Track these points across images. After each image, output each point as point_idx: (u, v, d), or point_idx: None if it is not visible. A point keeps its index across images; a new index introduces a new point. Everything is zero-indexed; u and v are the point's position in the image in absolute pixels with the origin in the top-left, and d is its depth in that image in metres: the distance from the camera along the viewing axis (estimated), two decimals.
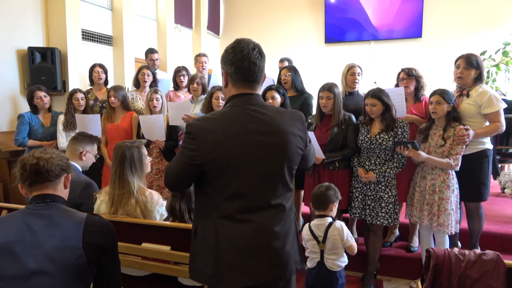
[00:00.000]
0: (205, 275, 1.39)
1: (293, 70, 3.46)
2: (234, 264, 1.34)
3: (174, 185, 1.49)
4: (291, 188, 1.45)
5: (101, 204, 2.09)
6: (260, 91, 1.46)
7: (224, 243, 1.34)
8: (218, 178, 1.34)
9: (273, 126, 1.37)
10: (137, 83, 4.03)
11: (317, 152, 2.70)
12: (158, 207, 2.10)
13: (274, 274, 1.38)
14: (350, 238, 2.25)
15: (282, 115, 1.41)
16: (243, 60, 1.36)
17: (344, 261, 2.28)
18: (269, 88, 3.08)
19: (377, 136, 2.68)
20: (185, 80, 4.00)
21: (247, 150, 1.33)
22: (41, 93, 3.60)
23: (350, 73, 3.18)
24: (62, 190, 1.42)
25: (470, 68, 2.70)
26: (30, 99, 3.60)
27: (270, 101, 2.96)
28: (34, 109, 3.64)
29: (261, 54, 1.39)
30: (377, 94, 2.66)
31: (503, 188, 4.20)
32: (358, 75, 3.18)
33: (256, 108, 1.38)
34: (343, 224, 2.27)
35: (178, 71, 4.03)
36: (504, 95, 5.33)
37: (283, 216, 1.41)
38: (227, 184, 1.34)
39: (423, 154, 2.57)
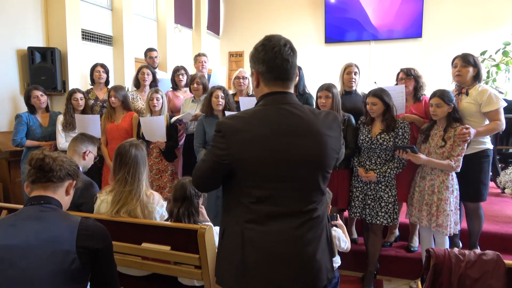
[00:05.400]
0: (230, 280, 1.32)
1: (301, 70, 3.45)
2: (261, 271, 1.27)
3: (202, 184, 1.40)
4: (324, 192, 1.36)
5: (102, 204, 2.09)
6: (292, 89, 1.37)
7: (251, 249, 1.27)
8: (247, 180, 1.27)
9: (307, 127, 1.28)
10: (137, 83, 4.03)
11: None
12: (158, 208, 2.11)
13: (304, 283, 1.29)
14: (343, 244, 2.26)
15: (317, 116, 1.32)
16: (275, 57, 1.28)
17: (337, 261, 2.28)
18: None
19: (378, 136, 2.68)
20: (183, 79, 4.00)
21: (279, 152, 1.25)
22: (38, 92, 3.59)
23: (347, 72, 3.20)
24: (62, 195, 1.40)
25: (467, 65, 2.72)
26: (27, 98, 3.60)
27: None
28: (32, 109, 3.64)
29: (293, 50, 1.32)
30: (379, 94, 2.66)
31: (503, 188, 4.20)
32: (355, 74, 3.18)
33: (290, 108, 1.29)
34: (339, 232, 2.27)
35: (177, 70, 4.03)
36: (502, 93, 5.33)
37: (315, 222, 1.32)
38: (257, 187, 1.26)
39: (423, 157, 2.56)
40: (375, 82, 3.91)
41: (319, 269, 1.31)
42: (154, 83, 4.01)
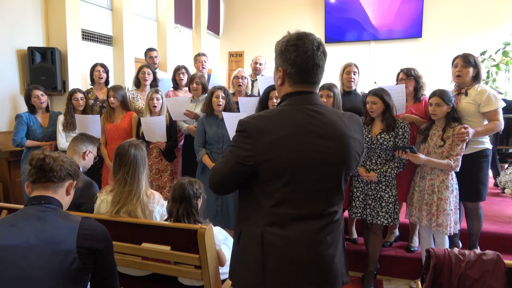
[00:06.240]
0: (249, 283, 1.31)
1: None
2: (281, 275, 1.26)
3: (220, 187, 1.35)
4: (344, 196, 1.35)
5: (102, 203, 2.09)
6: (317, 90, 1.34)
7: (271, 252, 1.26)
8: (271, 182, 1.24)
9: (333, 129, 1.26)
10: (138, 83, 4.03)
11: None
12: (159, 207, 2.11)
13: (323, 287, 1.30)
14: None
15: (341, 117, 1.30)
16: (307, 62, 1.24)
17: None
18: (273, 88, 3.07)
19: (378, 136, 2.68)
20: (184, 78, 4.01)
21: (306, 154, 1.22)
22: (38, 92, 3.59)
23: (346, 71, 3.20)
24: (62, 195, 1.41)
25: (468, 66, 2.73)
26: (28, 98, 3.60)
27: (274, 100, 2.97)
28: (32, 109, 3.64)
29: (324, 54, 1.29)
30: (379, 93, 2.67)
31: (503, 188, 4.20)
32: (354, 74, 3.18)
33: (315, 109, 1.27)
34: None
35: (178, 70, 4.04)
36: (501, 94, 5.34)
37: (334, 226, 1.31)
38: (280, 189, 1.23)
39: (422, 156, 2.57)
40: (375, 82, 3.91)
41: (335, 275, 1.31)
42: (155, 82, 4.01)
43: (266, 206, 1.26)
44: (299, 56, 1.24)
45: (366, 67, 7.60)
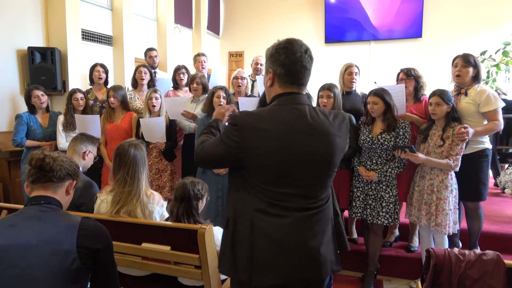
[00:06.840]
0: (236, 268, 1.35)
1: None
2: (269, 260, 1.31)
3: (206, 163, 1.44)
4: (329, 190, 1.43)
5: (102, 203, 2.09)
6: (304, 91, 1.43)
7: (260, 237, 1.32)
8: (259, 175, 1.32)
9: (320, 127, 1.34)
10: (135, 83, 4.02)
11: None
12: (159, 208, 2.10)
13: (309, 274, 1.34)
14: None
15: (328, 117, 1.38)
16: (295, 63, 1.33)
17: None
18: None
19: (379, 136, 2.68)
20: (184, 78, 4.01)
21: (294, 151, 1.30)
22: (38, 92, 3.59)
23: (348, 72, 3.20)
24: (62, 195, 1.41)
25: (468, 66, 2.73)
26: (28, 98, 3.60)
27: None
28: (32, 109, 3.64)
29: (311, 58, 1.37)
30: (380, 93, 2.67)
31: (503, 188, 4.20)
32: (356, 75, 3.19)
33: (302, 108, 1.35)
34: None
35: (178, 69, 4.04)
36: (505, 94, 5.34)
37: (321, 215, 1.38)
38: (268, 183, 1.31)
39: (421, 156, 2.57)
40: (375, 82, 3.91)
41: (323, 261, 1.36)
42: (152, 82, 4.00)
43: (254, 195, 1.33)
44: (288, 57, 1.33)
45: (366, 67, 7.60)
